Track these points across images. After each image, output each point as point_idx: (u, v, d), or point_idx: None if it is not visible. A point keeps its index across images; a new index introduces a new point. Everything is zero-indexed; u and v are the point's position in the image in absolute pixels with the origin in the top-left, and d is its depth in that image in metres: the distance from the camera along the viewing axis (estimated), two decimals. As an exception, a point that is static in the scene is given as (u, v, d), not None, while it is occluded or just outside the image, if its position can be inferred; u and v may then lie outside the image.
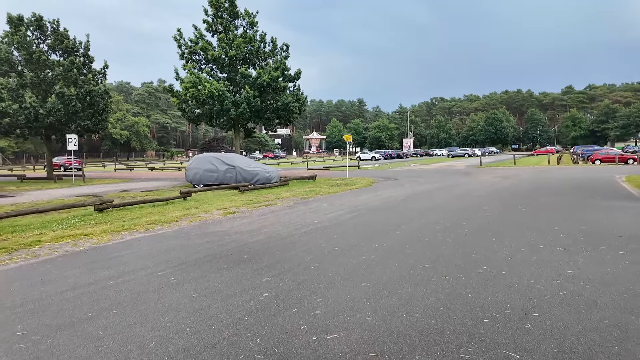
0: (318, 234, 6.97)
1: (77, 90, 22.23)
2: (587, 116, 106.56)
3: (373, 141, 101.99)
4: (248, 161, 18.26)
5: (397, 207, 10.04)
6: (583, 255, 5.15)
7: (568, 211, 8.66)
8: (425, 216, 8.52)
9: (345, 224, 7.87)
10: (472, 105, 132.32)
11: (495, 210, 9.05)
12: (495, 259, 5.11)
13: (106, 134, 72.97)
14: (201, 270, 4.97)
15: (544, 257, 5.15)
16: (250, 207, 11.00)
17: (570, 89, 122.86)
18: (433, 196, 12.16)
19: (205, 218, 9.33)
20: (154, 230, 7.94)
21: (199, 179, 17.89)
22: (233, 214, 9.80)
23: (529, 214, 8.47)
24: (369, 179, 19.73)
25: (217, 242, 6.60)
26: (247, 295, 4.04)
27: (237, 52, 19.83)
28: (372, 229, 7.33)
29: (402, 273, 4.62)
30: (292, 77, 22.18)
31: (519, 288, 4.03)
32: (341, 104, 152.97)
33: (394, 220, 8.12)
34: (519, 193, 12.29)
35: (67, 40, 22.88)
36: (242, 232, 7.45)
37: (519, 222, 7.52)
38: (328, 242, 6.34)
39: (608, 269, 4.56)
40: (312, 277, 4.55)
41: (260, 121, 20.83)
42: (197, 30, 20.72)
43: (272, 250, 5.93)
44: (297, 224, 8.12)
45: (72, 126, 22.80)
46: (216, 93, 18.58)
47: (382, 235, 6.70)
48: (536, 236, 6.32)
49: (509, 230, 6.80)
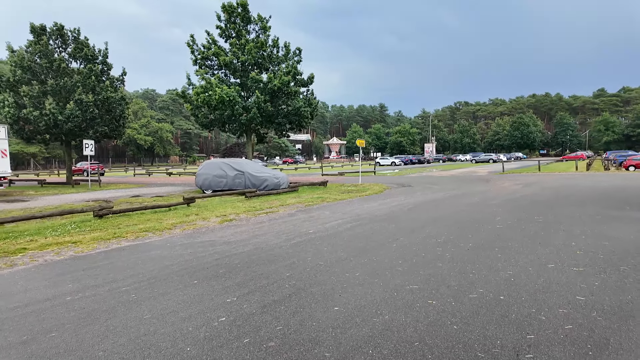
0: (307, 246, 6.48)
1: (95, 97, 22.68)
2: (622, 120, 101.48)
3: (394, 146, 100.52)
4: (257, 167, 18.00)
5: (402, 217, 9.42)
6: (600, 278, 4.45)
7: (590, 224, 7.83)
8: (429, 227, 7.89)
9: (340, 235, 7.35)
10: (498, 109, 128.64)
11: (508, 221, 8.31)
12: (495, 280, 4.48)
13: (131, 139, 75.15)
14: (167, 286, 4.59)
15: (553, 278, 4.48)
16: (250, 214, 10.64)
17: (602, 91, 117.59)
18: (444, 205, 11.45)
19: (200, 226, 9.02)
20: (143, 239, 7.67)
21: (209, 184, 17.76)
22: (230, 222, 9.45)
23: (545, 226, 7.70)
24: (382, 186, 19.08)
25: (199, 254, 6.22)
26: (202, 318, 3.61)
27: (249, 57, 19.69)
28: (368, 241, 6.79)
29: (385, 295, 4.07)
30: (304, 81, 21.88)
31: (516, 319, 3.42)
32: (362, 109, 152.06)
33: (394, 232, 7.54)
34: (538, 202, 11.41)
35: (87, 49, 23.43)
36: (230, 242, 7.06)
37: (531, 236, 6.79)
38: (315, 255, 5.85)
39: (628, 297, 3.87)
40: (282, 298, 4.07)
41: (271, 126, 20.58)
42: (209, 35, 20.76)
43: (253, 263, 5.49)
44: (291, 233, 7.66)
45: (90, 132, 23.26)
46: (227, 98, 18.46)
47: (375, 249, 6.15)
48: (548, 253, 5.62)
49: (518, 246, 6.11)
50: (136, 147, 77.62)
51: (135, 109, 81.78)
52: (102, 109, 23.32)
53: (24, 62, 21.95)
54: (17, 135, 23.27)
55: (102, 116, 23.36)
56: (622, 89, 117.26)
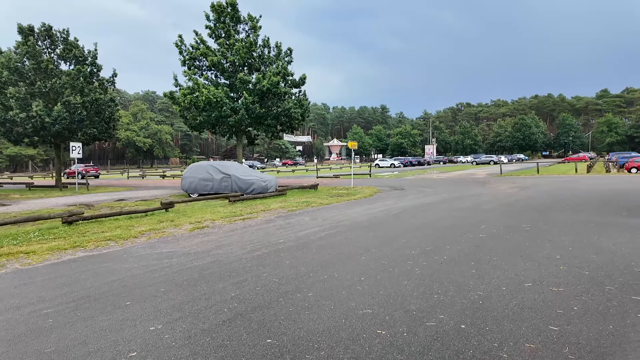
0: (270, 259, 5.97)
1: (84, 99, 22.29)
2: (625, 121, 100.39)
3: (395, 148, 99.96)
4: (245, 170, 17.51)
5: (384, 224, 8.90)
6: (580, 301, 3.91)
7: (581, 233, 7.27)
8: (408, 236, 7.36)
9: (310, 246, 6.84)
10: (500, 110, 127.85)
11: (494, 229, 7.76)
12: (461, 303, 3.95)
13: (130, 141, 74.97)
14: (94, 309, 4.09)
15: (527, 301, 3.94)
16: (227, 220, 10.15)
17: (605, 92, 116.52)
18: (431, 211, 10.91)
19: (168, 234, 8.53)
20: (102, 249, 7.19)
21: (194, 188, 17.30)
22: (201, 230, 8.96)
23: (532, 235, 7.15)
24: (374, 189, 18.55)
25: (151, 267, 5.73)
26: (109, 354, 3.10)
27: (237, 57, 19.23)
28: (337, 252, 6.27)
29: (331, 323, 3.56)
30: (296, 82, 21.40)
31: (473, 356, 2.89)
32: (363, 111, 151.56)
33: (370, 241, 7.02)
34: (530, 208, 10.85)
35: (76, 49, 23.06)
36: (190, 253, 6.56)
37: (514, 247, 6.25)
38: (273, 270, 5.34)
39: (609, 327, 3.33)
40: (212, 327, 3.56)
41: (261, 128, 20.09)
42: (197, 35, 20.33)
43: (201, 280, 4.98)
44: (258, 243, 7.15)
45: (79, 134, 22.87)
46: (214, 99, 17.99)
47: (341, 262, 5.63)
48: (528, 268, 5.08)
49: (498, 259, 5.57)
50: (135, 149, 77.43)
51: (134, 111, 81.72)
52: (91, 111, 22.92)
53: (10, 63, 21.60)
54: (5, 137, 22.91)
55: (91, 118, 22.96)
56: (625, 90, 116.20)
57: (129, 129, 75.31)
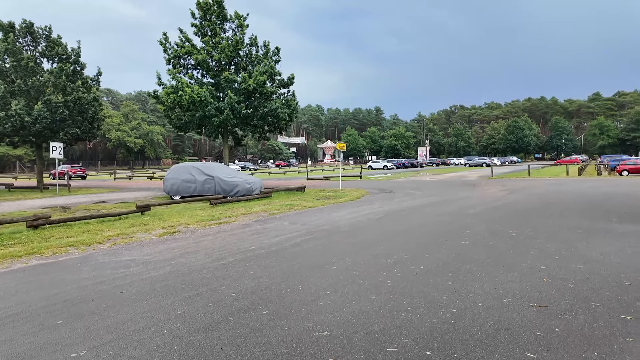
0: (234, 268, 5.52)
1: (66, 98, 21.68)
2: (616, 124, 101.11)
3: (389, 149, 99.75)
4: (229, 171, 17.02)
5: (365, 229, 8.48)
6: (563, 321, 3.51)
7: (569, 240, 6.90)
8: (387, 243, 6.95)
9: (281, 253, 6.40)
10: (493, 113, 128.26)
11: (478, 236, 7.36)
12: (430, 322, 3.53)
13: (121, 142, 74.03)
14: (17, 330, 3.61)
15: (505, 320, 3.53)
16: (203, 224, 9.67)
17: (597, 95, 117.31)
18: (416, 215, 10.52)
19: (136, 239, 8.04)
20: (59, 256, 6.70)
21: (177, 190, 16.78)
22: (172, 235, 8.48)
23: (517, 242, 6.76)
24: (362, 191, 18.15)
25: (101, 278, 5.25)
26: (9, 389, 2.64)
27: (223, 55, 18.76)
28: (308, 261, 5.83)
29: (277, 350, 3.11)
30: (284, 82, 20.99)
31: (434, 393, 2.46)
32: (358, 112, 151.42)
33: (345, 248, 6.59)
34: (518, 212, 10.49)
35: (58, 47, 22.45)
36: (151, 262, 6.09)
37: (497, 256, 5.85)
38: (233, 282, 4.88)
39: (594, 354, 2.92)
40: (139, 355, 3.10)
41: (247, 128, 19.62)
42: (182, 33, 19.83)
43: (149, 295, 4.52)
44: (227, 251, 6.70)
45: (60, 134, 22.24)
46: (197, 98, 17.50)
47: (310, 273, 5.19)
48: (509, 280, 4.68)
49: (478, 269, 5.16)
50: (126, 150, 76.45)
51: (125, 111, 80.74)
52: (74, 110, 22.30)
53: (-12, 60, 20.95)
54: (-16, 136, 22.22)
55: (73, 117, 22.35)
56: (617, 93, 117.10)
57: (120, 130, 74.33)
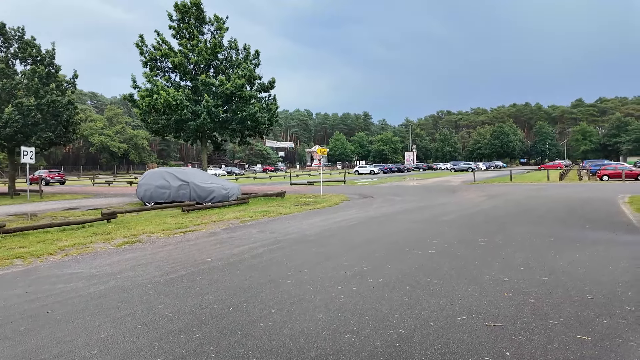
0: (181, 283, 5.16)
1: (38, 101, 20.99)
2: (599, 130, 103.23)
3: (376, 154, 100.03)
4: (204, 176, 16.58)
5: (334, 237, 8.18)
6: (516, 343, 3.24)
7: (538, 249, 6.70)
8: (353, 253, 6.65)
9: (238, 266, 6.05)
10: (479, 118, 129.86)
11: (446, 244, 7.12)
12: (374, 344, 3.23)
13: (104, 146, 72.64)
14: None
15: (453, 343, 3.25)
16: (166, 234, 9.26)
17: (580, 102, 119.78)
18: (390, 222, 10.26)
19: (91, 250, 7.60)
20: (1, 269, 6.23)
21: (150, 196, 16.26)
22: (131, 245, 8.06)
23: (485, 252, 6.53)
24: (342, 197, 17.88)
25: (34, 295, 4.84)
26: None
27: (200, 58, 18.38)
28: (264, 274, 5.50)
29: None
30: (265, 86, 20.67)
31: None
32: (347, 117, 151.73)
33: (308, 260, 6.27)
34: (493, 219, 10.32)
35: (31, 49, 21.77)
36: (97, 275, 5.68)
37: (461, 267, 5.60)
38: (174, 300, 4.52)
39: (542, 383, 2.65)
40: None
41: (225, 133, 19.22)
42: (159, 36, 19.39)
43: (79, 314, 4.13)
44: (182, 263, 6.32)
45: (33, 138, 21.50)
46: (173, 102, 17.06)
47: (261, 288, 4.85)
48: (469, 294, 4.42)
49: (438, 282, 4.90)
50: (110, 155, 75.01)
51: (109, 115, 79.41)
52: (47, 114, 21.60)
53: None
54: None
55: (46, 121, 21.64)
56: (598, 100, 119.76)
57: (104, 134, 72.97)
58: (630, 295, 4.31)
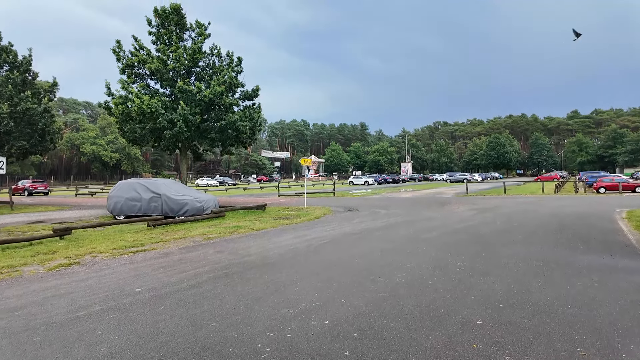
0: (82, 326, 4.21)
1: (11, 109, 20.16)
2: (595, 141, 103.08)
3: (372, 165, 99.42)
4: (178, 188, 15.67)
5: (293, 260, 7.26)
6: None
7: (523, 277, 5.79)
8: (306, 281, 5.73)
9: (166, 300, 5.11)
10: (476, 129, 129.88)
11: (419, 271, 6.20)
12: None
13: (96, 156, 71.72)
14: None
15: None
16: (115, 254, 8.31)
17: (575, 113, 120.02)
18: (365, 240, 9.35)
19: (16, 275, 6.64)
20: None
21: (120, 209, 15.32)
22: (66, 268, 7.10)
23: (461, 281, 5.62)
24: (326, 210, 16.98)
25: None
26: None
27: (178, 64, 17.62)
28: (187, 315, 4.55)
29: None
30: (249, 94, 19.92)
31: None
32: (343, 128, 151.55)
33: (251, 292, 5.34)
34: (478, 237, 9.41)
35: (6, 55, 21.02)
36: None
37: (429, 304, 4.67)
38: (59, 351, 3.57)
39: None
40: None
41: (204, 142, 18.38)
42: (137, 41, 18.67)
43: None
44: (103, 295, 5.37)
45: (5, 147, 20.62)
46: (147, 110, 16.23)
47: (172, 338, 3.92)
48: (429, 347, 3.49)
49: (394, 327, 3.96)
50: (102, 164, 74.04)
51: (102, 124, 78.65)
52: (21, 122, 20.75)
53: None
54: None
55: (20, 130, 20.78)
56: (594, 111, 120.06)
57: (96, 143, 72.12)
58: (632, 349, 3.40)
